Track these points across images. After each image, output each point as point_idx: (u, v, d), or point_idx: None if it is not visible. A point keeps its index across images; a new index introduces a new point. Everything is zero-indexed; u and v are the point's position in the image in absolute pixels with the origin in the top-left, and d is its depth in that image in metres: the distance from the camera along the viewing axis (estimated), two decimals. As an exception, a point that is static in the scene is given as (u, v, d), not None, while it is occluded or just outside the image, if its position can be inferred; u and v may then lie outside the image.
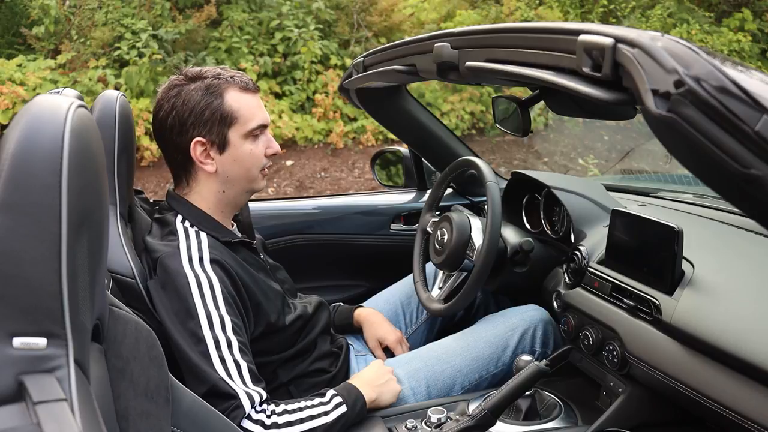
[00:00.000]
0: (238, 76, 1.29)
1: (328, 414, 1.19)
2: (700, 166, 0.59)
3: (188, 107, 1.24)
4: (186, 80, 1.26)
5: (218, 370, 1.13)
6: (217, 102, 1.24)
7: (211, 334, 1.14)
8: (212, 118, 1.24)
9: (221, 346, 1.14)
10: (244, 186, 1.31)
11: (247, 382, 1.14)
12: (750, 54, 7.79)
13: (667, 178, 2.42)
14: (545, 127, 6.99)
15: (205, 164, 1.27)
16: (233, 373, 1.13)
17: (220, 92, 1.25)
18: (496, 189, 1.47)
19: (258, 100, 1.31)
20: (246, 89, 1.28)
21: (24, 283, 0.52)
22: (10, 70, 5.43)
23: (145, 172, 5.36)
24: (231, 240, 1.30)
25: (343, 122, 6.15)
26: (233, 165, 1.28)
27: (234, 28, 6.12)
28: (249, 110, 1.27)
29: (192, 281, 1.17)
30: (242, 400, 1.12)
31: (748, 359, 0.97)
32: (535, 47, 0.80)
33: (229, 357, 1.14)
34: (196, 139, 1.25)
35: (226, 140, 1.26)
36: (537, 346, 1.51)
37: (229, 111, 1.25)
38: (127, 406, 0.76)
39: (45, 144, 0.54)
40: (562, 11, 7.91)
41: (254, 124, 1.27)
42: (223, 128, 1.25)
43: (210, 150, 1.26)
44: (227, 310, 1.17)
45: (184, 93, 1.25)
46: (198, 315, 1.15)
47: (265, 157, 1.31)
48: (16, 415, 0.49)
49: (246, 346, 1.19)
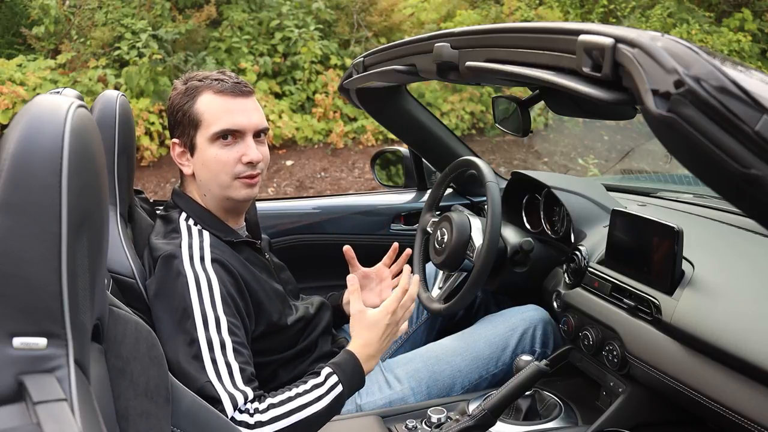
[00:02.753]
0: (222, 80, 1.25)
1: (322, 399, 1.14)
2: (700, 166, 0.59)
3: (170, 110, 1.29)
4: (181, 83, 1.29)
5: (207, 372, 1.10)
6: (188, 104, 1.25)
7: (205, 335, 1.13)
8: (183, 120, 1.26)
9: (214, 347, 1.12)
10: (218, 192, 1.27)
11: (237, 383, 1.11)
12: (750, 54, 7.79)
13: (667, 178, 2.42)
14: (545, 127, 6.99)
15: (183, 165, 1.30)
16: (223, 375, 1.11)
17: (194, 95, 1.25)
18: (496, 189, 1.47)
19: (239, 104, 1.24)
20: (221, 92, 1.23)
21: (24, 283, 0.52)
22: (10, 70, 5.43)
23: (145, 172, 5.36)
24: (234, 240, 1.29)
25: (343, 122, 6.15)
26: (203, 169, 1.26)
27: (234, 28, 6.12)
28: (215, 114, 1.23)
29: (191, 281, 1.16)
30: (224, 404, 1.08)
31: (748, 359, 0.97)
32: (535, 47, 0.80)
33: (221, 358, 1.12)
34: (173, 140, 1.30)
35: (194, 144, 1.26)
36: (537, 346, 1.51)
37: (195, 114, 1.24)
38: (127, 406, 0.76)
39: (45, 144, 0.54)
40: (562, 11, 7.91)
41: (217, 128, 1.22)
42: (190, 131, 1.25)
43: (186, 152, 1.28)
44: (224, 311, 1.16)
45: (173, 96, 1.29)
46: (194, 315, 1.14)
47: (241, 164, 1.24)
48: (16, 415, 0.49)
49: (243, 345, 1.17)
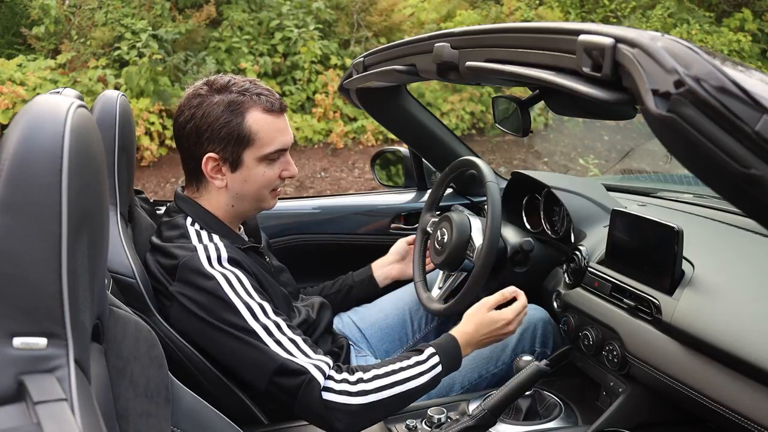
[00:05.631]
0: (265, 95, 1.23)
1: (422, 375, 1.19)
2: (700, 166, 0.59)
3: (207, 121, 1.20)
4: (210, 91, 1.22)
5: (280, 354, 1.13)
6: (237, 121, 1.20)
7: (257, 323, 1.14)
8: (228, 137, 1.20)
9: (272, 330, 1.15)
10: (252, 204, 1.30)
11: (309, 354, 1.15)
12: (750, 54, 7.79)
13: (667, 178, 2.42)
14: (545, 127, 6.99)
15: (215, 179, 1.25)
16: (294, 351, 1.14)
17: (241, 111, 1.20)
18: (496, 189, 1.47)
19: (283, 121, 1.26)
20: (270, 110, 1.23)
21: (24, 283, 0.52)
22: (10, 70, 5.43)
23: (145, 172, 5.36)
24: (240, 246, 1.29)
25: (343, 122, 6.15)
26: (244, 185, 1.25)
27: (234, 28, 6.12)
28: (269, 134, 1.22)
29: (221, 279, 1.17)
30: (313, 373, 1.12)
31: (748, 359, 0.97)
32: (535, 47, 0.80)
33: (284, 337, 1.15)
34: (209, 155, 1.22)
35: (240, 160, 1.23)
36: (537, 346, 1.51)
37: (247, 132, 1.20)
38: (127, 406, 0.76)
39: (45, 144, 0.54)
40: (562, 11, 7.92)
41: (272, 148, 1.23)
42: (238, 148, 1.21)
43: (222, 166, 1.24)
44: (262, 297, 1.18)
45: (206, 105, 1.21)
46: (239, 309, 1.15)
47: (280, 179, 1.28)
48: (17, 415, 0.49)
49: (290, 322, 1.20)
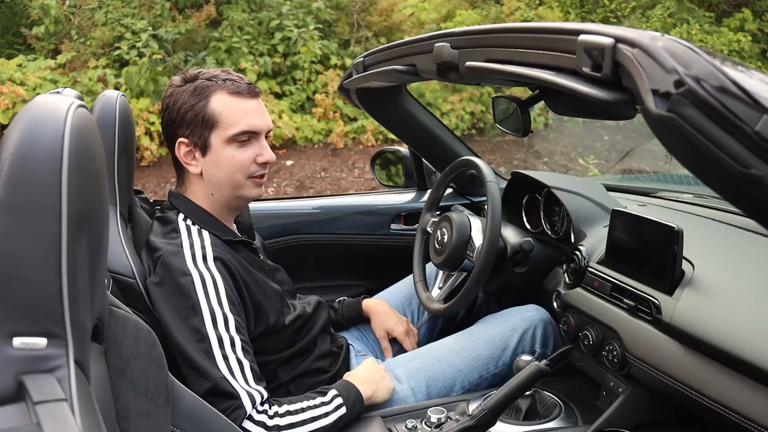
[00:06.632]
0: (232, 80, 1.26)
1: (329, 415, 1.20)
2: (700, 166, 0.59)
3: (175, 108, 1.25)
4: (182, 81, 1.27)
5: (221, 369, 1.13)
6: (201, 104, 1.23)
7: (214, 331, 1.14)
8: (194, 120, 1.24)
9: (224, 344, 1.14)
10: (230, 191, 1.29)
11: (249, 381, 1.15)
12: (750, 54, 7.79)
13: (667, 178, 2.41)
14: (545, 127, 6.98)
15: (190, 165, 1.27)
16: (236, 372, 1.14)
17: (206, 94, 1.24)
18: (496, 189, 1.47)
19: (252, 104, 1.27)
20: (236, 93, 1.25)
21: (24, 283, 0.52)
22: (10, 70, 5.43)
23: (145, 172, 5.36)
24: (232, 239, 1.30)
25: (343, 122, 6.14)
26: (215, 169, 1.26)
27: (234, 28, 6.12)
28: (233, 114, 1.24)
29: (196, 279, 1.17)
30: (243, 400, 1.12)
31: (748, 359, 0.97)
32: (535, 47, 0.80)
33: (232, 355, 1.14)
34: (180, 140, 1.26)
35: (208, 143, 1.25)
36: (537, 346, 1.51)
37: (211, 114, 1.23)
38: (127, 406, 0.76)
39: (45, 144, 0.54)
40: (562, 11, 7.91)
41: (236, 129, 1.24)
42: (204, 131, 1.24)
43: (194, 151, 1.26)
44: (230, 309, 1.18)
45: (176, 94, 1.26)
46: (202, 312, 1.15)
47: (255, 164, 1.27)
48: (16, 415, 0.49)
49: (248, 344, 1.19)
